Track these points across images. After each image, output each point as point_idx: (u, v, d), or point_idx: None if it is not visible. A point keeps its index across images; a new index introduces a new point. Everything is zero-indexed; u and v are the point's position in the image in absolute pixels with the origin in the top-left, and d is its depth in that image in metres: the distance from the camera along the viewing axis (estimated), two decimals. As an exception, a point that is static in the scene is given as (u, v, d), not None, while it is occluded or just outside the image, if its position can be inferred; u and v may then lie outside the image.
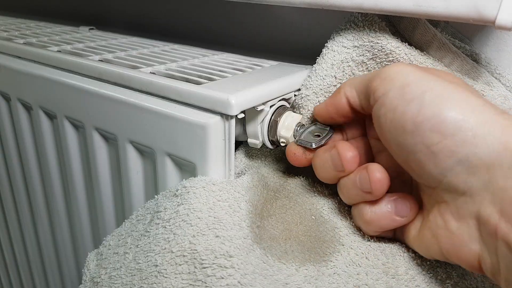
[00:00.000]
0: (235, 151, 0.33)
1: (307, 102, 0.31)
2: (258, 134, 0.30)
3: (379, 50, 0.29)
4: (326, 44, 0.31)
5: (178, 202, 0.26)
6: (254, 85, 0.29)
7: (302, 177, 0.32)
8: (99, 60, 0.36)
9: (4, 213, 0.53)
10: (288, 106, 0.32)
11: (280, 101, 0.31)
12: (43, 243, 0.49)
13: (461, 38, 0.34)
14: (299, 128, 0.30)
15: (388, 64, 0.29)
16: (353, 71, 0.30)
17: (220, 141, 0.28)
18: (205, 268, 0.23)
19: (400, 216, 0.25)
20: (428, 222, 0.24)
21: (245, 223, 0.25)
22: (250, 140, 0.31)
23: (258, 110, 0.29)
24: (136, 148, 0.32)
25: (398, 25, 0.30)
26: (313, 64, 0.32)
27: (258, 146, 0.31)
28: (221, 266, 0.23)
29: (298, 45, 0.44)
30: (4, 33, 0.48)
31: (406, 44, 0.29)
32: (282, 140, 0.30)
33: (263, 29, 0.46)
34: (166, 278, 0.24)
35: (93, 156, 0.36)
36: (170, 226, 0.25)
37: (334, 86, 0.31)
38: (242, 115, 0.28)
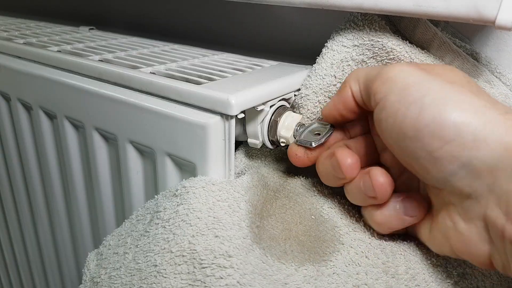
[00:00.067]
0: (235, 151, 0.33)
1: (307, 102, 0.31)
2: (258, 134, 0.30)
3: (380, 48, 0.29)
4: (325, 43, 0.31)
5: (178, 202, 0.26)
6: (254, 85, 0.29)
7: (302, 177, 0.32)
8: (99, 60, 0.36)
9: (4, 213, 0.53)
10: (288, 106, 0.32)
11: (280, 101, 0.31)
12: (43, 243, 0.49)
13: (461, 38, 0.34)
14: (299, 128, 0.30)
15: (389, 62, 0.29)
16: (352, 70, 0.30)
17: (220, 141, 0.28)
18: (204, 268, 0.23)
19: (409, 215, 0.25)
20: (437, 223, 0.24)
21: (244, 223, 0.25)
22: (250, 140, 0.31)
23: (258, 110, 0.29)
24: (136, 148, 0.32)
25: (398, 24, 0.30)
26: (313, 64, 0.32)
27: (258, 146, 0.31)
28: (220, 266, 0.23)
29: (298, 45, 0.44)
30: (4, 33, 0.48)
31: (407, 42, 0.29)
32: (282, 140, 0.30)
33: (263, 29, 0.46)
34: (165, 278, 0.24)
35: (93, 156, 0.36)
36: (169, 226, 0.25)
37: (334, 85, 0.31)
38: (242, 115, 0.28)
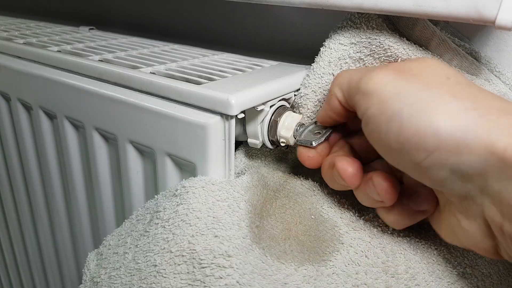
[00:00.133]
0: (235, 151, 0.33)
1: (307, 101, 0.31)
2: (258, 134, 0.30)
3: (377, 46, 0.29)
4: (323, 42, 0.31)
5: (177, 202, 0.26)
6: (254, 85, 0.29)
7: (302, 177, 0.32)
8: (99, 60, 0.36)
9: (4, 213, 0.53)
10: (288, 106, 0.32)
11: (280, 101, 0.31)
12: (43, 243, 0.49)
13: (460, 37, 0.34)
14: (299, 127, 0.30)
15: (387, 59, 0.29)
16: (350, 68, 0.30)
17: (220, 141, 0.28)
18: (203, 268, 0.23)
19: (420, 210, 0.25)
20: (444, 220, 0.24)
21: (244, 223, 0.25)
22: (250, 140, 0.31)
23: (258, 110, 0.29)
24: (136, 148, 0.32)
25: (397, 23, 0.30)
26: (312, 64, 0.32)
27: (258, 146, 0.31)
28: (219, 266, 0.23)
29: (298, 45, 0.44)
30: (4, 33, 0.48)
31: (405, 39, 0.29)
32: (282, 140, 0.30)
33: (263, 29, 0.46)
34: (165, 278, 0.24)
35: (93, 156, 0.36)
36: (169, 226, 0.25)
37: (333, 84, 0.30)
38: (242, 115, 0.28)
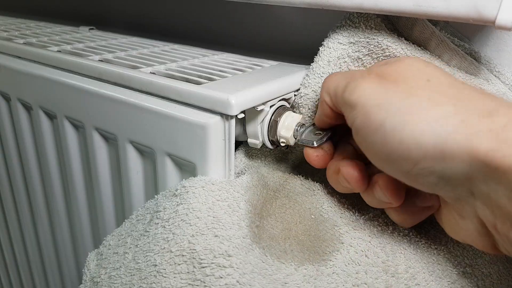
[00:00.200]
0: (235, 151, 0.33)
1: (307, 101, 0.31)
2: (258, 134, 0.30)
3: (375, 45, 0.29)
4: (322, 42, 0.31)
5: (177, 202, 0.26)
6: (254, 85, 0.29)
7: (302, 176, 0.32)
8: (99, 60, 0.36)
9: (4, 213, 0.53)
10: (288, 106, 0.32)
11: (280, 101, 0.31)
12: (43, 243, 0.49)
13: (460, 37, 0.34)
14: (299, 128, 0.30)
15: (385, 59, 0.29)
16: (349, 67, 0.30)
17: (220, 141, 0.28)
18: (204, 267, 0.23)
19: (427, 206, 0.25)
20: (444, 218, 0.24)
21: (244, 223, 0.25)
22: (250, 140, 0.31)
23: (258, 110, 0.29)
24: (136, 148, 0.32)
25: (396, 23, 0.30)
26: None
27: (258, 146, 0.31)
28: (219, 266, 0.23)
29: (298, 45, 0.44)
30: (4, 33, 0.48)
31: (403, 39, 0.29)
32: (282, 140, 0.30)
33: (263, 29, 0.46)
34: (165, 277, 0.24)
35: (93, 156, 0.36)
36: (169, 225, 0.25)
37: (333, 83, 0.31)
38: (242, 115, 0.28)
